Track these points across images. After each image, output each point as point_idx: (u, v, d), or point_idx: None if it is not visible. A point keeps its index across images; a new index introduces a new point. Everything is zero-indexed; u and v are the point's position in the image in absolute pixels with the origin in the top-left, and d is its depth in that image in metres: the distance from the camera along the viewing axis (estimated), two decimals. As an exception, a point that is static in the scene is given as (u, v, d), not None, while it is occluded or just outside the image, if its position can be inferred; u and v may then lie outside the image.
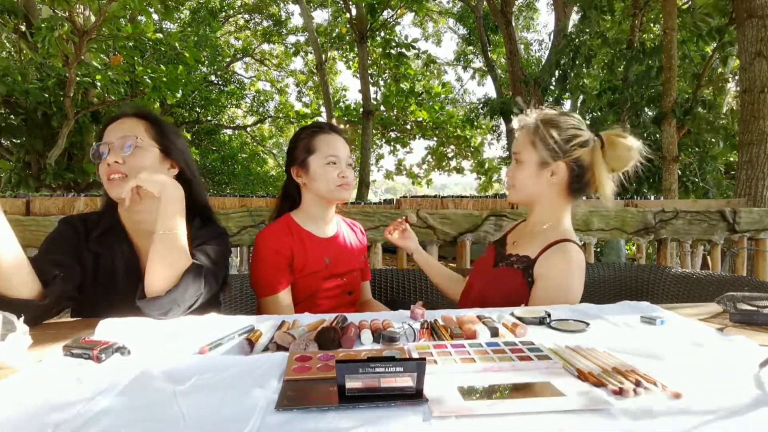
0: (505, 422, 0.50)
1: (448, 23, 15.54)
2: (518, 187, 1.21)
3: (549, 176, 1.17)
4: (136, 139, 1.07)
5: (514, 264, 1.18)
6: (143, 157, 1.07)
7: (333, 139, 1.32)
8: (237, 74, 14.85)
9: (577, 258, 1.13)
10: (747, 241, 2.68)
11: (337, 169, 1.29)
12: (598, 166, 1.16)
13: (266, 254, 1.25)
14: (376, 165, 14.64)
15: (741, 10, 3.63)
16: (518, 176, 1.21)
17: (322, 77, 10.68)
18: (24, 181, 5.10)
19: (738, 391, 0.56)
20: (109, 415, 0.51)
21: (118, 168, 1.05)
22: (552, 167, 1.17)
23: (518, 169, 1.21)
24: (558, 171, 1.17)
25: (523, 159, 1.20)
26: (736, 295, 0.91)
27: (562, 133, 1.15)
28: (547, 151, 1.16)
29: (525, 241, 1.22)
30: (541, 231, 1.20)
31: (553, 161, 1.16)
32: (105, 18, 4.17)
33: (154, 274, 0.93)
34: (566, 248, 1.12)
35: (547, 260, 1.12)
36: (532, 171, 1.19)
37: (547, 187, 1.19)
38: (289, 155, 1.37)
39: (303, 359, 0.66)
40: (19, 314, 0.73)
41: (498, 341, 0.74)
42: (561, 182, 1.18)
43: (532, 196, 1.21)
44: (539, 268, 1.13)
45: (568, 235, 1.16)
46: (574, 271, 1.11)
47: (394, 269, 1.81)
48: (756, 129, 3.47)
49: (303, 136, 1.34)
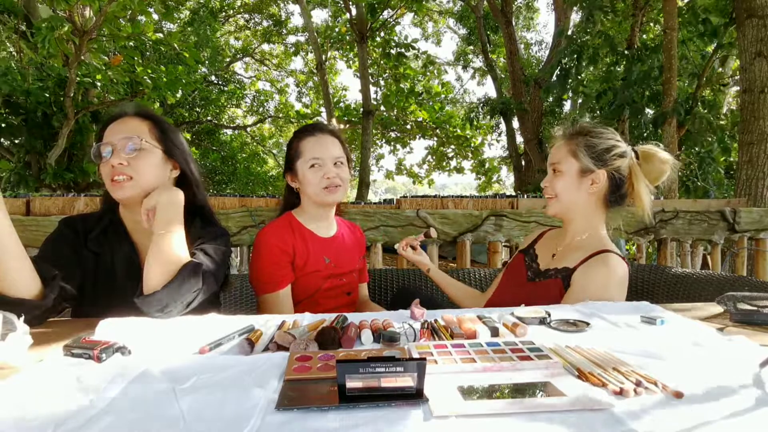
0: (505, 422, 0.50)
1: (448, 23, 15.54)
2: (560, 196, 1.22)
3: (590, 185, 1.19)
4: (141, 141, 1.06)
5: (553, 276, 1.18)
6: (147, 159, 1.07)
7: (316, 141, 1.29)
8: (237, 74, 14.85)
9: (621, 271, 1.12)
10: (747, 240, 2.68)
11: (320, 171, 1.27)
12: (637, 178, 1.18)
13: (268, 250, 1.25)
14: (377, 165, 14.65)
15: (741, 9, 3.63)
16: (558, 186, 1.22)
17: (322, 77, 10.68)
18: (24, 181, 5.10)
19: (738, 391, 0.56)
20: (109, 415, 0.51)
21: (123, 170, 1.04)
22: (593, 176, 1.18)
23: (558, 179, 1.22)
24: (599, 179, 1.18)
25: (562, 169, 1.21)
26: (737, 295, 0.91)
27: (602, 142, 1.18)
28: (589, 159, 1.18)
29: (564, 253, 1.22)
30: (580, 242, 1.20)
31: (595, 169, 1.17)
32: (105, 18, 4.17)
33: (151, 272, 0.93)
34: (609, 260, 1.12)
35: (588, 269, 1.12)
36: (573, 180, 1.20)
37: (586, 196, 1.20)
38: (285, 163, 1.38)
39: (303, 359, 0.66)
40: (20, 314, 0.73)
41: (498, 341, 0.74)
42: (600, 191, 1.19)
43: (572, 205, 1.22)
44: (577, 275, 1.13)
45: (609, 246, 1.17)
46: (615, 285, 1.10)
47: (394, 269, 1.81)
48: (756, 129, 3.47)
49: (291, 141, 1.34)
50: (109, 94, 5.53)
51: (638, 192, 1.18)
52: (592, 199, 1.20)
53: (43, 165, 5.17)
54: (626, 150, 1.19)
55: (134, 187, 1.05)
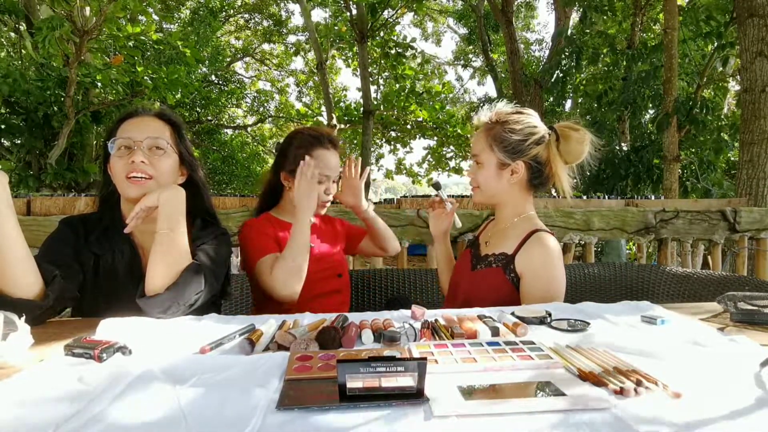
0: (505, 422, 0.50)
1: (448, 22, 15.53)
2: (483, 187, 1.24)
3: (510, 176, 1.20)
4: (166, 144, 1.07)
5: (492, 263, 1.20)
6: (168, 161, 1.08)
7: (328, 156, 1.34)
8: (237, 74, 14.85)
9: (554, 245, 1.15)
10: (748, 240, 2.68)
11: (323, 186, 1.33)
12: (555, 161, 1.19)
13: (253, 233, 1.30)
14: (377, 164, 14.63)
15: (742, 9, 3.63)
16: (480, 178, 1.23)
17: (323, 77, 10.67)
18: (24, 181, 5.10)
19: (739, 391, 0.56)
20: (110, 415, 0.51)
21: (144, 168, 1.04)
22: (512, 167, 1.19)
23: (479, 170, 1.23)
24: (518, 170, 1.19)
25: (482, 161, 1.22)
26: (737, 295, 0.91)
27: (517, 133, 1.18)
28: (505, 154, 1.18)
29: (498, 238, 1.24)
30: (511, 226, 1.22)
31: (512, 161, 1.19)
32: (105, 18, 4.17)
33: (154, 273, 0.93)
34: (542, 238, 1.15)
35: (527, 253, 1.15)
36: (492, 172, 1.21)
37: (508, 186, 1.21)
38: (281, 155, 1.38)
39: (304, 359, 0.66)
40: (21, 314, 0.73)
41: (499, 341, 0.74)
42: (522, 179, 1.21)
43: (496, 196, 1.24)
44: (520, 263, 1.15)
45: (539, 225, 1.19)
46: (555, 259, 1.14)
47: (395, 269, 1.81)
48: (757, 128, 3.47)
49: (300, 143, 1.34)
50: (109, 94, 5.52)
51: (557, 174, 1.19)
52: (515, 187, 1.22)
53: (43, 165, 5.17)
54: (543, 135, 1.19)
55: (153, 186, 1.04)
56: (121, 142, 1.05)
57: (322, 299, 1.35)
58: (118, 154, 1.05)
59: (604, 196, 2.98)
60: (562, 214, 2.42)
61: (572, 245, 2.53)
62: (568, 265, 1.65)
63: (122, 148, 1.05)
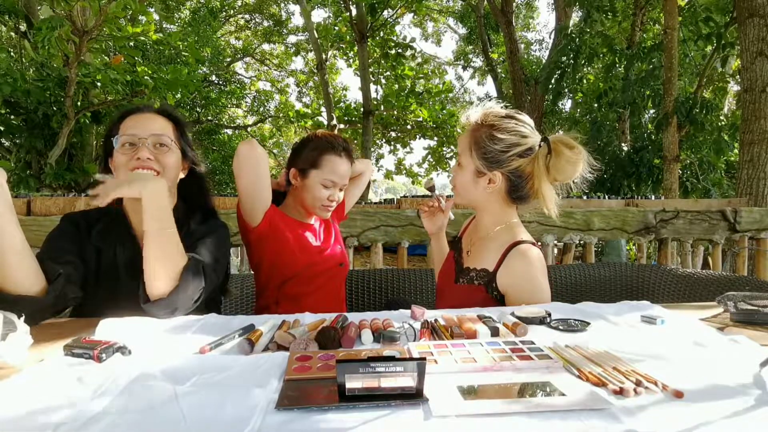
0: (505, 422, 0.50)
1: (447, 22, 15.53)
2: (459, 191, 1.18)
3: (486, 184, 1.12)
4: (170, 141, 1.08)
5: (474, 280, 1.13)
6: (172, 158, 1.09)
7: (339, 163, 1.35)
8: (237, 74, 14.86)
9: (536, 256, 1.08)
10: (748, 240, 2.68)
11: (329, 191, 1.35)
12: (539, 176, 1.09)
13: None
14: (377, 164, 14.63)
15: (742, 9, 3.63)
16: (457, 181, 1.17)
17: (323, 77, 10.68)
18: (24, 181, 5.10)
19: (739, 391, 0.56)
20: (109, 415, 0.51)
21: (150, 164, 1.04)
22: (489, 176, 1.11)
23: (458, 172, 1.17)
24: (495, 180, 1.11)
25: (462, 162, 1.15)
26: (737, 295, 0.91)
27: (498, 142, 1.08)
28: (482, 161, 1.10)
29: (478, 249, 1.17)
30: (492, 236, 1.14)
31: (489, 171, 1.11)
32: (105, 18, 4.17)
33: (153, 275, 0.92)
34: (522, 251, 1.07)
35: (507, 270, 1.07)
36: (469, 177, 1.14)
37: (485, 194, 1.14)
38: (295, 155, 1.40)
39: (303, 359, 0.66)
40: (21, 312, 0.73)
41: (498, 341, 0.74)
42: (499, 191, 1.13)
43: (474, 202, 1.17)
44: (502, 280, 1.08)
45: (520, 235, 1.11)
46: (537, 270, 1.07)
47: (395, 269, 1.81)
48: (757, 128, 3.47)
49: (315, 145, 1.36)
50: (109, 94, 5.53)
51: (542, 192, 1.10)
52: (492, 196, 1.14)
53: (43, 165, 5.18)
54: (531, 146, 1.09)
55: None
56: (125, 139, 1.05)
57: (326, 283, 1.42)
58: (122, 151, 1.05)
59: (604, 196, 2.99)
60: (562, 214, 2.42)
61: (572, 245, 2.53)
62: (568, 265, 1.65)
63: (126, 145, 1.05)
